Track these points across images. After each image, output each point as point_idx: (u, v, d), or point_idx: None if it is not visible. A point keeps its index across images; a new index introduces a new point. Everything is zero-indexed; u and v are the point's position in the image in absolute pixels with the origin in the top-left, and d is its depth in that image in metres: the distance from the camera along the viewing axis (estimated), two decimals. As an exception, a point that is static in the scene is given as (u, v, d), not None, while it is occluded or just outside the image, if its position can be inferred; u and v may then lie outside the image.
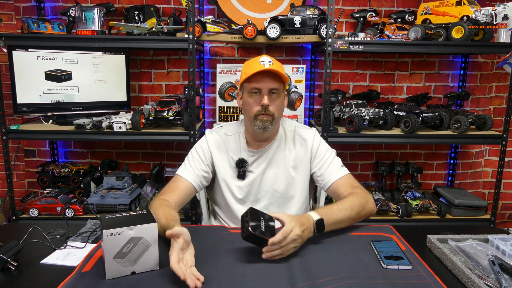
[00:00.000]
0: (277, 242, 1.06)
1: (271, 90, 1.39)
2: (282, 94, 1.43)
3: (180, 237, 1.00)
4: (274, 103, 1.40)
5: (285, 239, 1.07)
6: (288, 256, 1.09)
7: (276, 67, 1.36)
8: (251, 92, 1.40)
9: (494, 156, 2.95)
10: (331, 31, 2.20)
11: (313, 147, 1.51)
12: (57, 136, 2.41)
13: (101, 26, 2.35)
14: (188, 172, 1.46)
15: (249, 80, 1.39)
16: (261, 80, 1.37)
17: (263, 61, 1.36)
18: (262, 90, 1.38)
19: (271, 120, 1.40)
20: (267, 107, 1.38)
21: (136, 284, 0.96)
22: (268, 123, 1.39)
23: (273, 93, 1.40)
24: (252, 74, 1.36)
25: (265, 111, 1.38)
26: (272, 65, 1.36)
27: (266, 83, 1.38)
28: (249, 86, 1.40)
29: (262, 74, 1.36)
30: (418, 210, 2.58)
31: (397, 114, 2.48)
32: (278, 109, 1.41)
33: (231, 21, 2.63)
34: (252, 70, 1.36)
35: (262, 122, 1.39)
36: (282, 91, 1.43)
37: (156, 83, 2.81)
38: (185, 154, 1.55)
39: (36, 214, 2.48)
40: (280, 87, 1.41)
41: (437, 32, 2.35)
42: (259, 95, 1.39)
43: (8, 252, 1.05)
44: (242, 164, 1.48)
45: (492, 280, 0.98)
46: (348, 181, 1.44)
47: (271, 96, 1.39)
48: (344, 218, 1.25)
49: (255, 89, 1.39)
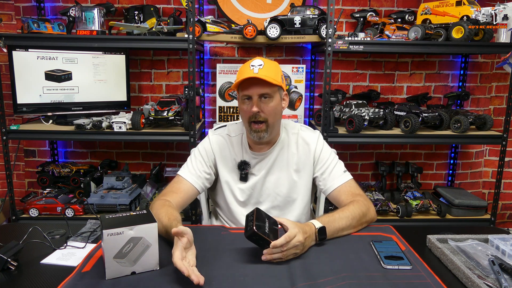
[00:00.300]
0: (279, 245, 1.05)
1: (261, 95, 1.35)
2: (276, 97, 1.37)
3: (185, 236, 1.00)
4: (266, 108, 1.35)
5: (287, 244, 1.06)
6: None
7: (265, 71, 1.31)
8: (243, 99, 1.37)
9: (494, 156, 2.95)
10: (331, 31, 2.20)
11: (316, 151, 1.49)
12: (57, 136, 2.41)
13: (101, 26, 2.35)
14: (190, 174, 1.44)
15: (240, 87, 1.36)
16: (250, 86, 1.33)
17: (253, 65, 1.32)
18: (252, 97, 1.35)
19: (265, 128, 1.37)
20: (257, 114, 1.35)
21: (136, 284, 0.96)
22: (262, 133, 1.37)
23: (265, 98, 1.35)
24: (240, 82, 1.33)
25: (255, 118, 1.35)
26: (262, 69, 1.31)
27: (256, 89, 1.33)
28: (241, 93, 1.38)
29: (251, 79, 1.32)
30: (418, 210, 2.58)
31: (397, 114, 2.48)
32: (271, 113, 1.37)
33: (231, 21, 2.63)
34: (240, 76, 1.33)
35: (256, 133, 1.37)
36: (275, 94, 1.37)
37: (156, 83, 2.81)
38: (185, 154, 1.55)
39: (36, 214, 2.48)
40: (271, 91, 1.35)
41: (437, 32, 2.35)
42: (250, 102, 1.36)
43: (8, 252, 1.05)
44: (245, 166, 1.47)
45: (492, 280, 0.98)
46: (350, 189, 1.41)
47: (263, 101, 1.35)
48: (345, 227, 1.24)
49: (245, 96, 1.36)
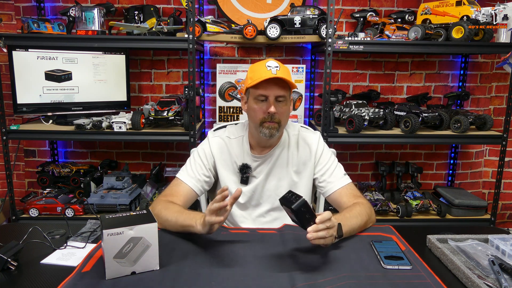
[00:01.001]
0: (326, 219, 1.04)
1: (277, 97, 1.35)
2: (288, 101, 1.39)
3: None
4: (280, 111, 1.36)
5: (331, 220, 1.06)
6: (288, 256, 1.09)
7: (283, 73, 1.33)
8: (257, 99, 1.36)
9: (494, 156, 2.95)
10: (331, 31, 2.21)
11: (317, 153, 1.49)
12: (57, 136, 2.41)
13: (101, 26, 2.35)
14: (189, 177, 1.44)
15: (256, 86, 1.35)
16: (268, 87, 1.33)
17: (270, 66, 1.32)
18: (269, 97, 1.34)
19: (277, 127, 1.37)
20: (273, 115, 1.34)
21: (136, 284, 0.96)
22: (274, 131, 1.37)
23: (280, 101, 1.35)
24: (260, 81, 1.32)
25: (271, 118, 1.35)
26: (279, 71, 1.32)
27: (274, 90, 1.33)
28: (256, 93, 1.36)
29: (269, 80, 1.31)
30: (418, 210, 2.58)
31: (397, 114, 2.48)
32: (284, 116, 1.38)
33: (231, 21, 2.63)
34: (259, 76, 1.32)
35: (269, 129, 1.36)
36: (289, 98, 1.39)
37: (156, 83, 2.81)
38: (185, 154, 1.55)
39: (36, 214, 2.48)
40: (287, 94, 1.36)
41: (437, 32, 2.35)
42: (265, 102, 1.35)
43: (8, 252, 1.05)
44: (246, 169, 1.46)
45: (492, 280, 0.98)
46: (351, 191, 1.42)
47: (278, 104, 1.35)
48: (356, 227, 1.24)
49: (262, 96, 1.35)
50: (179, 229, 1.22)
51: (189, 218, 1.19)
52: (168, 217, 1.24)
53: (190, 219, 1.19)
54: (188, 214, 1.22)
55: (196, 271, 1.01)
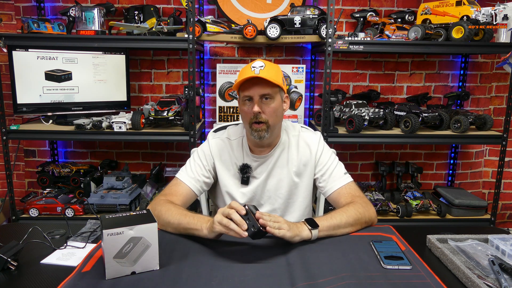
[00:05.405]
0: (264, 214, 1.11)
1: (263, 96, 1.34)
2: (277, 98, 1.37)
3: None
4: (267, 109, 1.35)
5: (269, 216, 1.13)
6: (288, 256, 1.09)
7: (266, 72, 1.31)
8: (244, 100, 1.37)
9: (494, 156, 2.95)
10: (331, 31, 2.21)
11: (317, 153, 1.48)
12: (57, 136, 2.41)
13: (101, 26, 2.35)
14: (189, 177, 1.44)
15: (241, 88, 1.37)
16: (251, 87, 1.33)
17: (254, 66, 1.33)
18: (253, 97, 1.35)
19: (265, 128, 1.36)
20: (258, 114, 1.34)
21: (136, 284, 0.96)
22: (263, 132, 1.36)
23: (266, 98, 1.35)
24: (241, 82, 1.34)
25: (256, 118, 1.35)
26: (263, 70, 1.31)
27: (257, 90, 1.33)
28: (242, 94, 1.38)
29: (252, 80, 1.32)
30: (418, 210, 2.58)
31: (397, 114, 2.48)
32: (272, 114, 1.37)
33: (231, 21, 2.63)
34: (241, 77, 1.34)
35: (257, 132, 1.36)
36: (276, 95, 1.37)
37: (156, 83, 2.81)
38: (185, 154, 1.55)
39: (36, 214, 2.48)
40: (272, 92, 1.35)
41: (437, 32, 2.35)
42: (251, 102, 1.36)
43: (8, 252, 1.05)
44: (246, 169, 1.46)
45: (492, 280, 0.98)
46: (350, 191, 1.41)
47: (264, 102, 1.35)
48: (341, 223, 1.23)
49: (246, 96, 1.36)
50: (182, 232, 1.22)
51: (194, 222, 1.19)
52: (170, 219, 1.23)
53: (194, 223, 1.19)
54: (191, 217, 1.21)
55: (196, 271, 1.01)
